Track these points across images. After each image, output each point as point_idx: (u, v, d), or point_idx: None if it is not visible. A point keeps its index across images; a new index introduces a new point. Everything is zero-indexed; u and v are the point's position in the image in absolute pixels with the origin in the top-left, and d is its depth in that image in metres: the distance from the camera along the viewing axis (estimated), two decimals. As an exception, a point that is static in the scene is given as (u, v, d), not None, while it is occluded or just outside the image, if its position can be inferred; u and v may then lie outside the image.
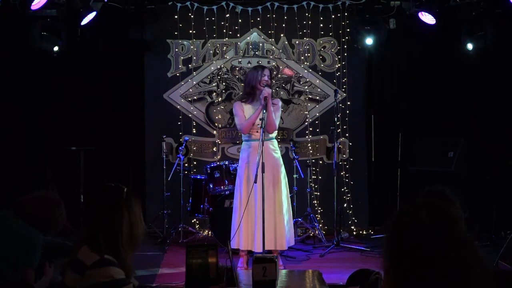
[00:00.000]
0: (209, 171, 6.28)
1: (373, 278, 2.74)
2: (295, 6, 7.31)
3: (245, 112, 5.28)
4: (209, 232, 6.68)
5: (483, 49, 6.69)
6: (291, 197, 6.38)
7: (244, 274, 3.71)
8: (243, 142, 5.43)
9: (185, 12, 7.25)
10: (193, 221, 7.07)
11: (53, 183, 6.93)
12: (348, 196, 7.34)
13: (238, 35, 7.34)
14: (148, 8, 6.98)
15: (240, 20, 7.30)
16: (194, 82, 7.36)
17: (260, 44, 7.39)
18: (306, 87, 7.43)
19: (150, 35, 7.02)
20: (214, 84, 7.38)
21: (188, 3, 7.21)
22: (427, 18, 6.77)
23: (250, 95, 5.32)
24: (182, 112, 7.32)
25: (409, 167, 6.89)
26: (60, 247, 3.44)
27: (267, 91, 5.10)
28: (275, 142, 5.37)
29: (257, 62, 7.30)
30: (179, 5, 7.21)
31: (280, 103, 5.44)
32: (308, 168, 7.03)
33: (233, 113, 5.48)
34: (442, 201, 2.39)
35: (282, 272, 3.66)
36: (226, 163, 6.32)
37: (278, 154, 5.32)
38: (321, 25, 7.34)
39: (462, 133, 6.85)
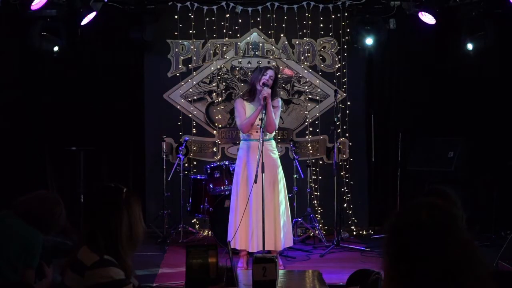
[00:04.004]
0: (209, 171, 6.28)
1: (373, 278, 2.74)
2: (295, 6, 7.31)
3: (246, 110, 5.27)
4: (209, 232, 6.68)
5: (483, 49, 6.69)
6: (291, 197, 6.38)
7: (244, 274, 3.71)
8: (242, 141, 5.41)
9: (185, 12, 7.25)
10: (193, 221, 7.07)
11: (53, 183, 6.93)
12: (348, 196, 7.34)
13: (238, 35, 7.33)
14: (148, 8, 6.99)
15: (240, 20, 7.30)
16: (194, 82, 7.36)
17: (260, 44, 7.39)
18: (306, 87, 7.42)
19: (150, 35, 7.02)
20: (214, 84, 7.38)
21: (188, 3, 7.21)
22: (427, 18, 6.77)
23: (250, 93, 5.33)
24: (182, 112, 7.32)
25: (409, 167, 6.89)
26: (60, 247, 3.43)
27: (266, 91, 5.08)
28: (273, 142, 5.36)
29: (257, 62, 7.30)
30: (179, 5, 7.21)
31: (280, 102, 5.44)
32: (308, 168, 7.02)
33: (234, 110, 5.48)
34: (444, 200, 2.39)
35: (282, 272, 3.66)
36: (226, 163, 6.32)
37: (276, 155, 5.32)
38: (321, 25, 7.34)
39: (462, 133, 6.85)
